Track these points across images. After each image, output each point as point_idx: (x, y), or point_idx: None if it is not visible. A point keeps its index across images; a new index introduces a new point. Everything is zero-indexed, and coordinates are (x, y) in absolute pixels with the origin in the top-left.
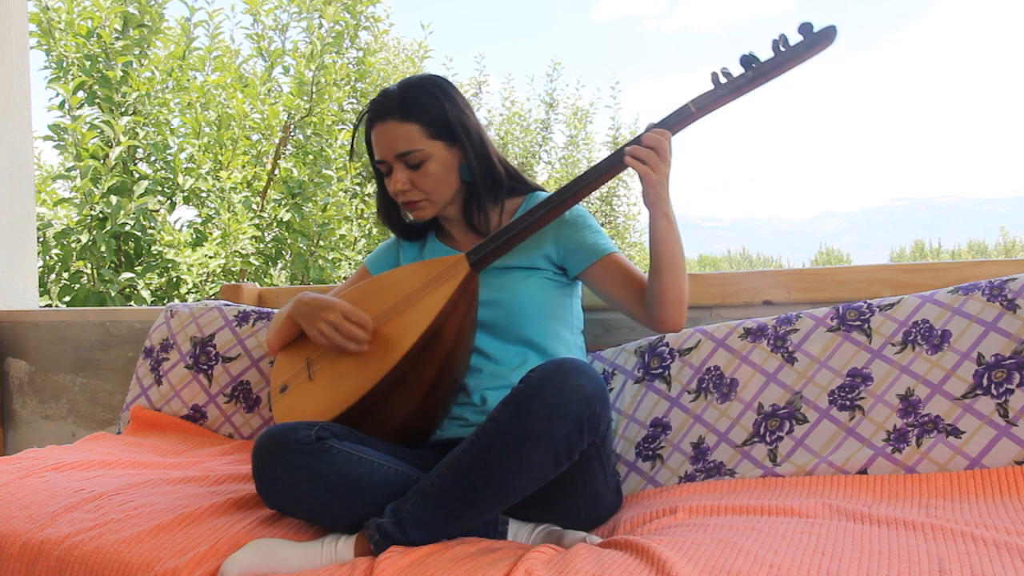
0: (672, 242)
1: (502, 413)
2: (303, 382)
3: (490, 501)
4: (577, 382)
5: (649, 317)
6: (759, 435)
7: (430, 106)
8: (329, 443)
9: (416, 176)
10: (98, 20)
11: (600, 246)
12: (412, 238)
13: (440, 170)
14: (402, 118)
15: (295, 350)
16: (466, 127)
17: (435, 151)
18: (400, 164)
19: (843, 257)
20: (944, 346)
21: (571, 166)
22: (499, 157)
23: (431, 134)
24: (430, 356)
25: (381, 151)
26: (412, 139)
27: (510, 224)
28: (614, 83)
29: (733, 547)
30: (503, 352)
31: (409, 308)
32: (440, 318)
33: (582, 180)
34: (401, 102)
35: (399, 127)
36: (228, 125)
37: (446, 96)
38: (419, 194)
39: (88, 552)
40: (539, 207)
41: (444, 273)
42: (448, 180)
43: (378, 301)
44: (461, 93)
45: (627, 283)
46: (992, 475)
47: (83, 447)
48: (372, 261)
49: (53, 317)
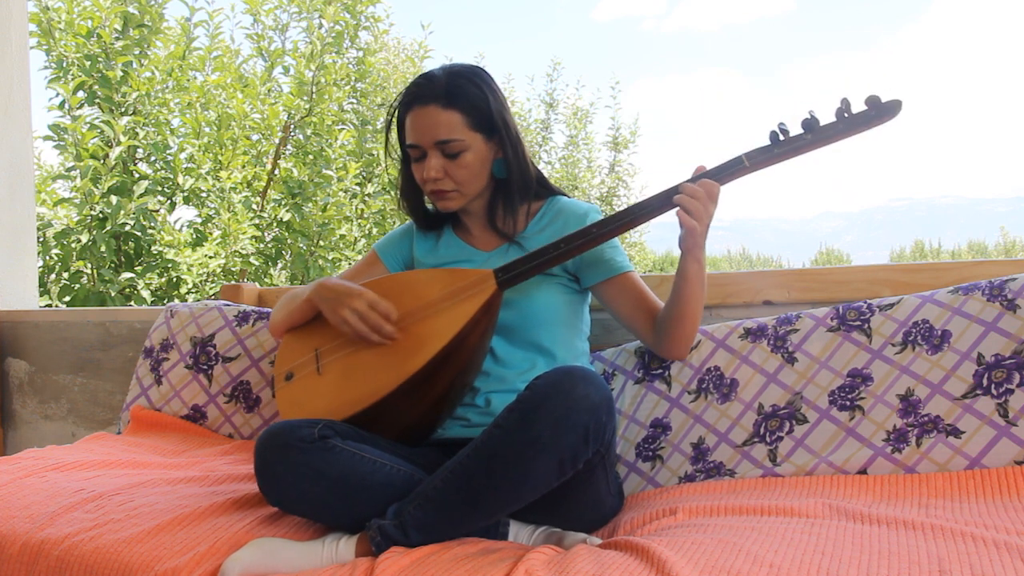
0: (698, 285)
1: (508, 420)
2: (311, 374)
3: (493, 507)
4: (584, 391)
5: (656, 343)
6: (759, 435)
7: (475, 97)
8: (332, 442)
9: (451, 166)
10: (98, 20)
11: (617, 263)
12: (430, 228)
13: (476, 163)
14: (446, 105)
15: (303, 336)
16: (507, 123)
17: (474, 143)
18: (436, 151)
19: (843, 257)
20: (944, 346)
21: (571, 166)
22: (531, 158)
23: (472, 125)
24: (447, 368)
25: (418, 135)
26: (453, 128)
27: (545, 248)
28: (614, 83)
29: (733, 547)
30: (513, 356)
31: (430, 317)
32: (462, 333)
33: (624, 216)
34: (448, 88)
35: (442, 113)
36: (228, 125)
37: (490, 89)
38: (451, 184)
39: (88, 552)
40: (573, 237)
41: (470, 287)
42: (481, 174)
43: (397, 302)
44: (500, 88)
45: (639, 305)
46: (992, 475)
47: (83, 447)
48: (383, 247)
49: (53, 317)
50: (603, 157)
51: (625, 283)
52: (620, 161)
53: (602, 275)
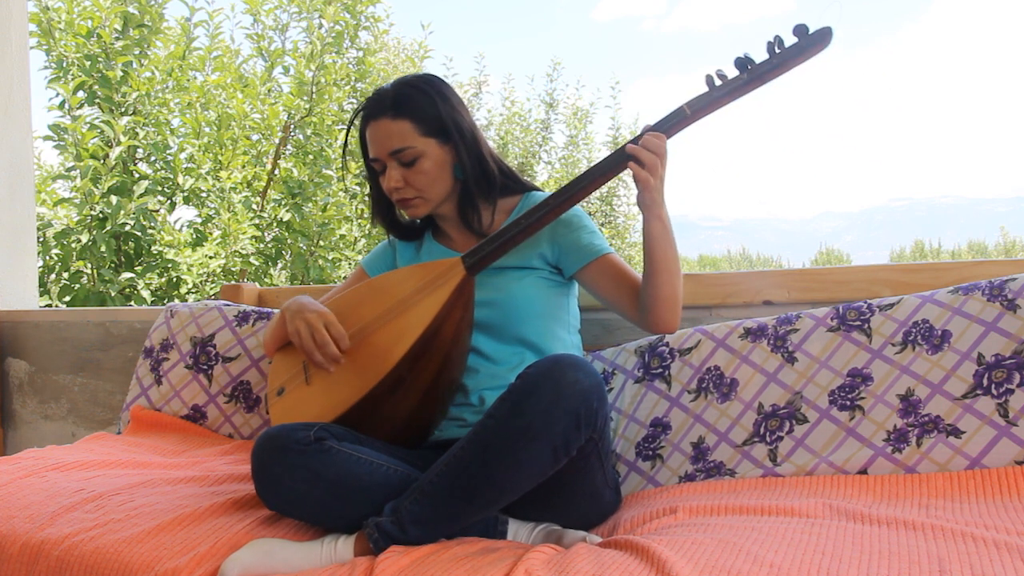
0: (666, 244)
1: (499, 409)
2: (299, 385)
3: (489, 498)
4: (574, 377)
5: (643, 318)
6: (759, 435)
7: (423, 103)
8: (328, 443)
9: (409, 174)
10: (98, 20)
11: (595, 246)
12: (408, 238)
13: (433, 168)
14: (395, 115)
15: (292, 352)
16: (459, 125)
17: (428, 149)
18: (394, 162)
19: (843, 257)
20: (944, 346)
21: (571, 166)
22: (493, 156)
23: (424, 131)
24: (427, 359)
25: (375, 149)
26: (405, 136)
27: (506, 227)
28: (614, 83)
29: (733, 547)
30: (500, 352)
31: (405, 312)
32: (436, 322)
33: (579, 182)
34: (395, 100)
35: (392, 124)
36: (228, 125)
37: (439, 94)
38: (412, 191)
39: (88, 552)
40: (536, 209)
41: (440, 276)
42: (441, 178)
43: (374, 304)
44: (456, 92)
45: (621, 284)
46: (992, 475)
47: (83, 447)
48: (369, 262)
49: (53, 317)
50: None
51: (605, 265)
52: None
53: (582, 260)
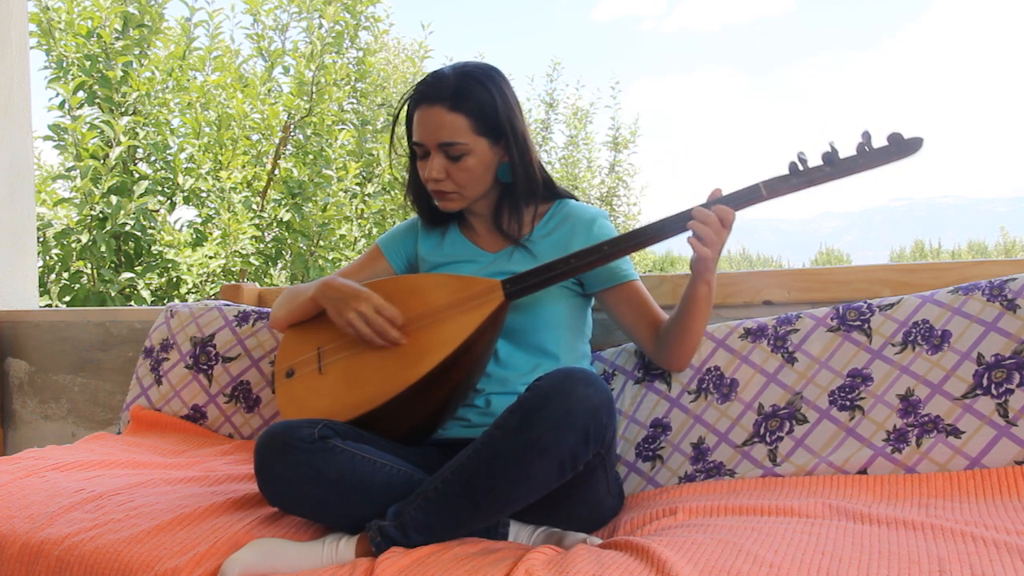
0: (705, 307)
1: (508, 421)
2: (312, 372)
3: (493, 508)
4: (584, 393)
5: (657, 354)
6: (759, 435)
7: (483, 100)
8: (332, 442)
9: (453, 168)
10: (98, 20)
11: (622, 271)
12: (436, 224)
13: (479, 167)
14: (452, 107)
15: (305, 333)
16: (514, 127)
17: (478, 147)
18: (439, 152)
19: (843, 257)
20: (944, 346)
21: (571, 166)
22: (539, 162)
23: (478, 129)
24: (451, 376)
25: (423, 134)
26: (458, 131)
27: (551, 264)
28: (614, 83)
29: (733, 547)
30: (516, 358)
31: (437, 324)
32: (468, 342)
33: (636, 237)
34: (455, 90)
35: (447, 115)
36: (228, 125)
37: (500, 92)
38: (452, 185)
39: (88, 552)
40: (585, 253)
41: (478, 296)
42: (484, 178)
43: (404, 306)
44: (513, 90)
45: (642, 315)
46: (992, 475)
47: (83, 447)
48: (387, 243)
49: (53, 317)
50: (603, 157)
51: (629, 292)
52: (620, 161)
53: (607, 282)
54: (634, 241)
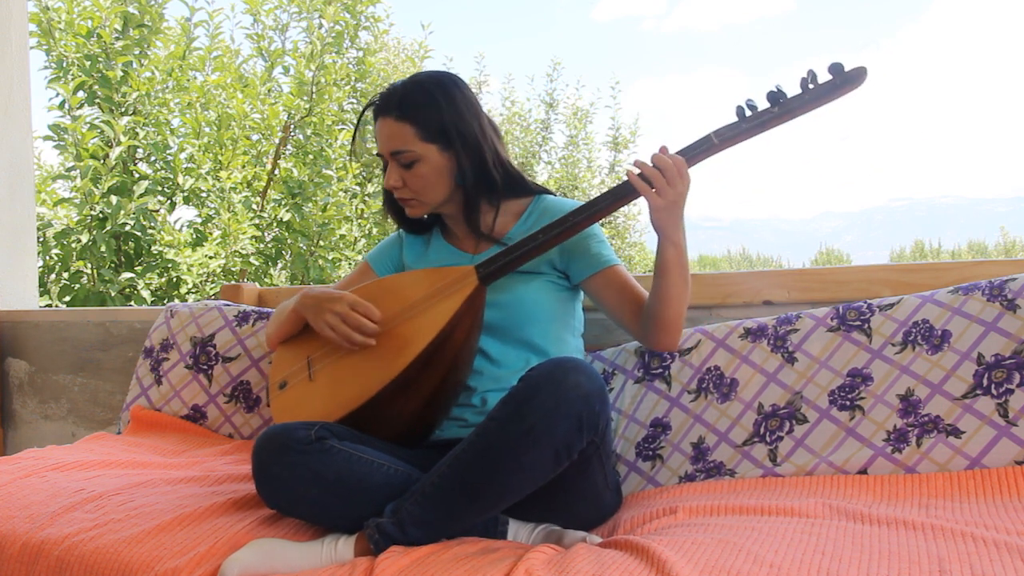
0: (676, 271)
1: (502, 412)
2: (303, 381)
3: (490, 500)
4: (576, 380)
5: (644, 335)
6: (759, 435)
7: (428, 109)
8: (329, 443)
9: (408, 175)
10: (98, 20)
11: (603, 257)
12: (416, 231)
13: (431, 173)
14: (399, 117)
15: (296, 346)
16: (462, 133)
17: (427, 154)
18: (394, 161)
19: (843, 257)
20: (944, 346)
21: (571, 166)
22: (500, 161)
23: (425, 137)
24: (435, 364)
25: (379, 145)
26: (405, 139)
27: (521, 241)
28: (614, 83)
29: (733, 547)
30: (505, 355)
31: (415, 316)
32: (447, 329)
33: (595, 204)
34: (401, 100)
35: (395, 125)
36: (228, 125)
37: (448, 99)
38: (409, 192)
39: (88, 552)
40: (553, 226)
41: (452, 284)
42: (439, 183)
43: (383, 305)
44: (468, 95)
45: (625, 298)
46: (992, 475)
47: (83, 447)
48: (375, 257)
49: (53, 317)
50: (603, 157)
51: (611, 276)
52: (620, 161)
53: (589, 269)
54: (597, 207)
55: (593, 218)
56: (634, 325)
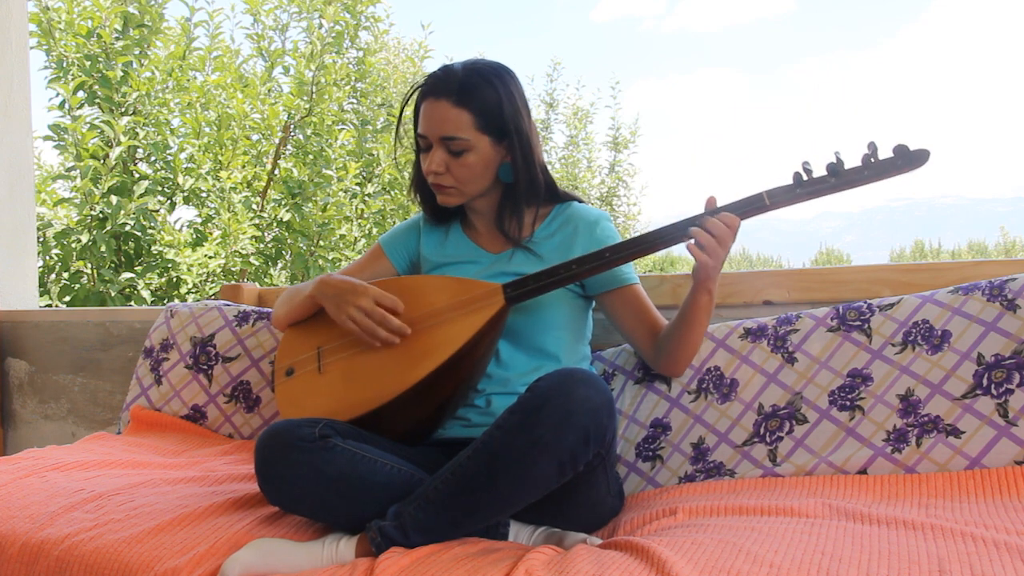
0: (705, 316)
1: (509, 421)
2: (311, 372)
3: (493, 509)
4: (585, 393)
5: (654, 359)
6: (759, 435)
7: (488, 98)
8: (332, 441)
9: (454, 163)
10: (98, 20)
11: (623, 274)
12: (439, 221)
13: (479, 164)
14: (457, 102)
15: (306, 332)
16: (519, 128)
17: (480, 144)
18: (441, 146)
19: (843, 257)
20: (944, 346)
21: (571, 166)
22: (543, 165)
23: (481, 126)
24: (451, 378)
25: (426, 127)
26: (461, 126)
27: (552, 269)
28: (614, 83)
29: (733, 547)
30: (517, 359)
31: (438, 326)
32: (468, 345)
33: (639, 243)
34: (461, 85)
35: (451, 110)
36: (228, 125)
37: (507, 92)
38: (451, 180)
39: (88, 552)
40: (589, 259)
41: (478, 300)
42: (484, 176)
43: (406, 307)
44: (522, 90)
45: (641, 319)
46: (992, 475)
47: (83, 447)
48: (388, 241)
49: (53, 317)
50: (603, 157)
51: (629, 295)
52: (620, 161)
53: (607, 285)
54: (636, 248)
55: (631, 258)
56: (646, 347)
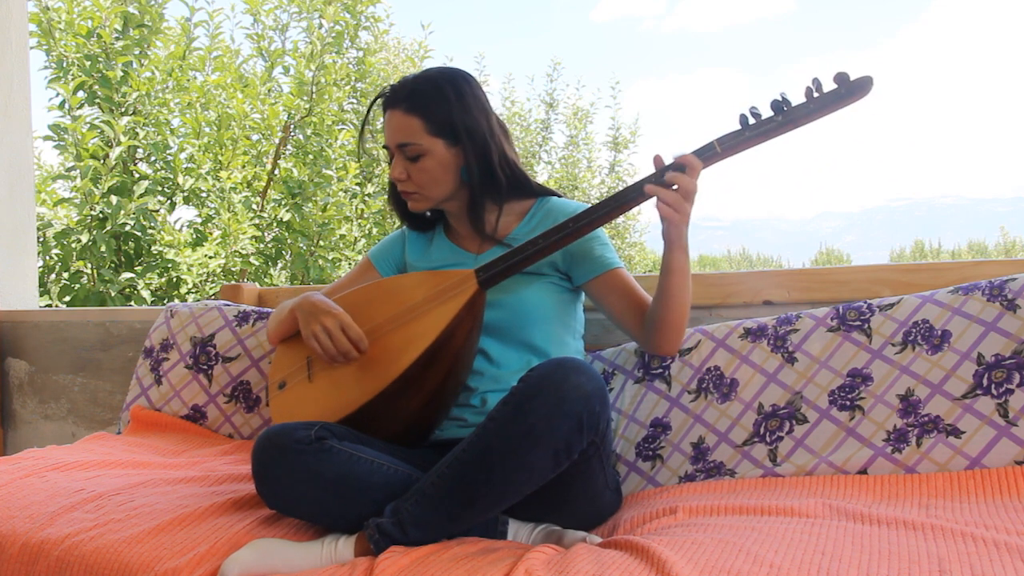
0: (683, 278)
1: (501, 412)
2: (302, 382)
3: (490, 500)
4: (576, 381)
5: (646, 339)
6: (759, 435)
7: (437, 103)
8: (329, 443)
9: (413, 168)
10: (98, 20)
11: (606, 259)
12: (420, 228)
13: (436, 167)
14: (407, 109)
15: (296, 346)
16: (469, 129)
17: (434, 148)
18: (399, 153)
19: (843, 257)
20: (944, 346)
21: (571, 166)
22: (506, 161)
23: (432, 131)
24: (434, 367)
25: (386, 136)
26: (412, 132)
27: (520, 247)
28: (614, 83)
29: (733, 547)
30: (506, 356)
31: (415, 320)
32: (446, 333)
33: (598, 209)
34: (411, 93)
35: (403, 118)
36: (228, 125)
37: (457, 94)
38: (412, 186)
39: (88, 552)
40: (552, 232)
41: (452, 288)
42: (444, 179)
43: (384, 306)
44: (478, 92)
45: (628, 301)
46: (992, 475)
47: (83, 447)
48: (376, 254)
49: (53, 317)
50: (603, 157)
51: (614, 279)
52: (620, 161)
53: (591, 272)
54: (599, 213)
55: (594, 224)
56: (636, 329)
